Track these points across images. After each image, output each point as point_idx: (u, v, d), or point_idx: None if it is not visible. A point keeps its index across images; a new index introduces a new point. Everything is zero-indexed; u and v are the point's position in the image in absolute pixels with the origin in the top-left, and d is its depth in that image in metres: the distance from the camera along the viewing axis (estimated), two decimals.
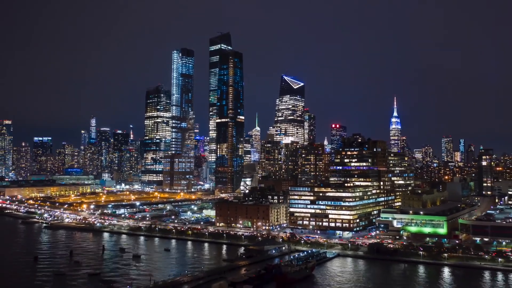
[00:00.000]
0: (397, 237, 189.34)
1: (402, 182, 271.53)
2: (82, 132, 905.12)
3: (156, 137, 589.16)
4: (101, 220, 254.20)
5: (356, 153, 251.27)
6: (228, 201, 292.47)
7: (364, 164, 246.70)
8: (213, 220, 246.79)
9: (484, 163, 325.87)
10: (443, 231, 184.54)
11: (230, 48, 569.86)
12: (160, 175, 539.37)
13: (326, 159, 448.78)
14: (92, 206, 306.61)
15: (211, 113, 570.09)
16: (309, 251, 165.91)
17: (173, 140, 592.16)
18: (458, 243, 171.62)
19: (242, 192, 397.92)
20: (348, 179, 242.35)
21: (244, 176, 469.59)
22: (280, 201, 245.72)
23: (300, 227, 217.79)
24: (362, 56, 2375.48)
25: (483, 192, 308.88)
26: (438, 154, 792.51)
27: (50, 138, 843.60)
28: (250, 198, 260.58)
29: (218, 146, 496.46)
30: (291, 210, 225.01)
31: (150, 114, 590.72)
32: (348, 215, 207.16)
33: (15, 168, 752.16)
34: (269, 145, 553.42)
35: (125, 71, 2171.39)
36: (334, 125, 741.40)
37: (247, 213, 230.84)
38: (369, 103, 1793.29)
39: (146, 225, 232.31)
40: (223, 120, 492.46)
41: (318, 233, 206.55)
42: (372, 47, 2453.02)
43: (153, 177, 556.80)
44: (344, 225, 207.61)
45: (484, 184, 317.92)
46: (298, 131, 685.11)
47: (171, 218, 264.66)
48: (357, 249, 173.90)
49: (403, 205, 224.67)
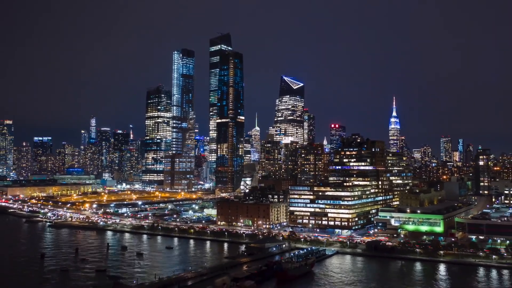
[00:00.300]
0: (394, 235, 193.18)
1: (400, 181, 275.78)
2: (82, 132, 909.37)
3: (157, 137, 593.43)
4: (104, 219, 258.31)
5: (355, 153, 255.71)
6: (229, 200, 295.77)
7: (363, 164, 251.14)
8: (214, 219, 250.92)
9: (481, 163, 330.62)
10: (439, 229, 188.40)
11: (230, 48, 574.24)
12: (161, 174, 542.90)
13: (326, 159, 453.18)
14: (94, 206, 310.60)
15: (212, 113, 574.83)
16: (309, 249, 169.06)
17: (173, 140, 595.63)
18: (454, 241, 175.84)
19: (242, 191, 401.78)
20: (347, 178, 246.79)
21: (244, 175, 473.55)
22: (280, 200, 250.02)
23: (300, 226, 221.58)
24: (362, 56, 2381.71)
25: (480, 192, 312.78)
26: (437, 154, 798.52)
27: (50, 138, 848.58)
28: (251, 197, 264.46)
29: (219, 146, 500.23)
30: (291, 209, 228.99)
31: (151, 114, 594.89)
32: (347, 213, 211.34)
33: (16, 167, 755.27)
34: (269, 145, 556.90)
35: (125, 71, 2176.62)
36: (333, 125, 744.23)
37: (247, 212, 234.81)
38: (368, 103, 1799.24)
39: (149, 223, 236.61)
40: (224, 120, 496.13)
41: (318, 231, 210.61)
42: (372, 47, 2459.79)
43: (153, 177, 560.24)
44: (343, 223, 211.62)
45: (481, 184, 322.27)
46: (297, 131, 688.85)
47: (173, 217, 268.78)
48: (356, 246, 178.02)
49: (401, 204, 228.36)
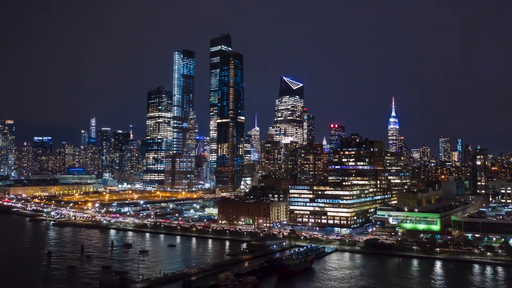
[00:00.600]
0: (392, 233, 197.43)
1: (398, 181, 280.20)
2: (82, 132, 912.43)
3: (158, 137, 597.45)
4: (108, 218, 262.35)
5: (354, 153, 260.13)
6: (230, 199, 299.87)
7: (362, 163, 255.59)
8: (215, 218, 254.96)
9: (478, 163, 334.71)
10: (436, 227, 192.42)
11: (230, 49, 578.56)
12: (162, 174, 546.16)
13: (325, 158, 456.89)
14: (97, 205, 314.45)
15: (212, 113, 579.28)
16: (309, 246, 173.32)
17: (174, 140, 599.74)
18: (450, 238, 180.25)
19: (242, 191, 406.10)
20: (346, 178, 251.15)
21: (245, 175, 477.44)
22: (280, 199, 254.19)
23: (299, 224, 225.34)
24: (361, 56, 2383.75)
25: (477, 191, 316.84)
26: (436, 154, 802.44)
27: (50, 138, 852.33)
28: (251, 197, 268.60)
29: (219, 146, 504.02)
30: (291, 208, 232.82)
31: (152, 114, 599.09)
32: (346, 212, 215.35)
33: (16, 167, 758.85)
34: (269, 145, 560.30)
35: (125, 71, 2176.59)
36: (332, 125, 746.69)
37: (248, 211, 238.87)
38: (367, 103, 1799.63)
39: (151, 222, 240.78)
40: (224, 120, 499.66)
41: (317, 230, 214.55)
42: (372, 47, 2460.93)
43: (154, 177, 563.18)
44: (342, 222, 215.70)
45: (479, 183, 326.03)
46: (297, 131, 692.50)
47: (175, 216, 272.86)
48: (354, 244, 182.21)
49: (399, 203, 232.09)
